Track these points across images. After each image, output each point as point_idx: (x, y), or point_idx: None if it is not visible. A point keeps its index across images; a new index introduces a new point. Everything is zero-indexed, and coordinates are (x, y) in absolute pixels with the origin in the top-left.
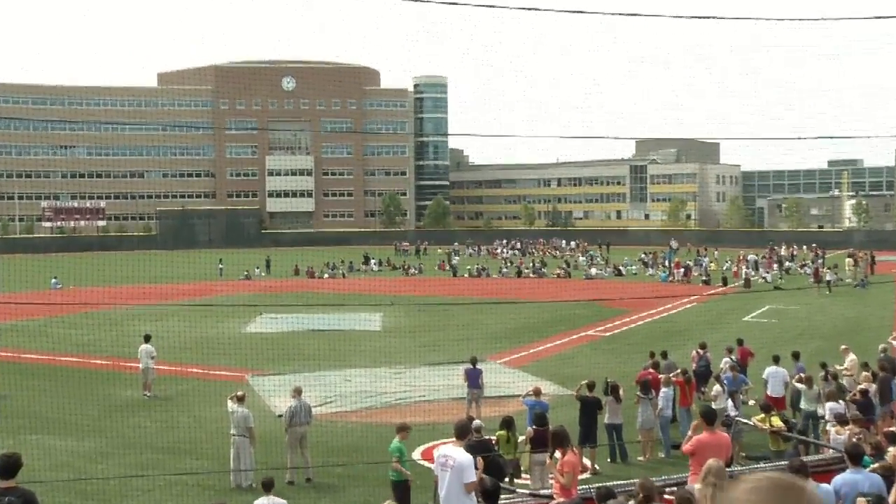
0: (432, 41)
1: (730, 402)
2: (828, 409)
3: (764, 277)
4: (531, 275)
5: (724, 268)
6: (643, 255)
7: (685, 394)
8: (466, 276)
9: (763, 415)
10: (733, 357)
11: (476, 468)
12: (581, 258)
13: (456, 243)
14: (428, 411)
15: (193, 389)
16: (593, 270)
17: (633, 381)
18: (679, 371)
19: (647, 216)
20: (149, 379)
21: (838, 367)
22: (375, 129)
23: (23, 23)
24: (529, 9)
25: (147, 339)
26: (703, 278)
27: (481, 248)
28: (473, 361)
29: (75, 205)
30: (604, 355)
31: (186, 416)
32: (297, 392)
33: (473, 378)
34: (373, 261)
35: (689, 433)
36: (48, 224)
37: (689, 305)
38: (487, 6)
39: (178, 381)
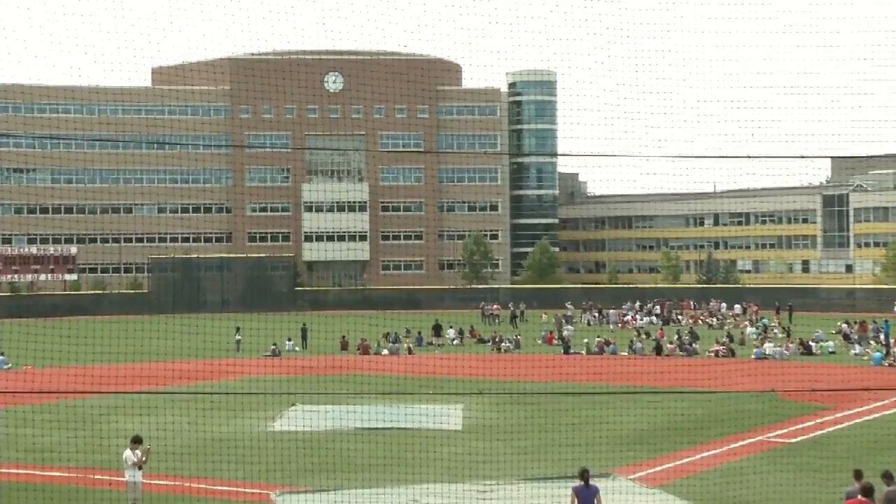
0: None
1: None
2: None
3: None
4: (677, 351)
5: None
6: (844, 326)
7: None
8: (583, 352)
9: None
10: None
11: None
12: (750, 329)
13: (569, 305)
14: None
15: None
16: (769, 346)
17: None
18: None
19: (849, 268)
20: (133, 498)
21: None
22: (455, 146)
23: None
24: None
25: (136, 441)
26: None
27: (604, 314)
28: (584, 476)
29: (34, 251)
30: (789, 473)
31: None
32: None
33: (586, 500)
34: (450, 330)
35: None
36: None
37: None
38: None
39: (176, 500)
